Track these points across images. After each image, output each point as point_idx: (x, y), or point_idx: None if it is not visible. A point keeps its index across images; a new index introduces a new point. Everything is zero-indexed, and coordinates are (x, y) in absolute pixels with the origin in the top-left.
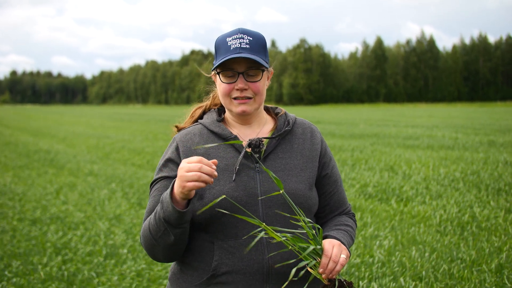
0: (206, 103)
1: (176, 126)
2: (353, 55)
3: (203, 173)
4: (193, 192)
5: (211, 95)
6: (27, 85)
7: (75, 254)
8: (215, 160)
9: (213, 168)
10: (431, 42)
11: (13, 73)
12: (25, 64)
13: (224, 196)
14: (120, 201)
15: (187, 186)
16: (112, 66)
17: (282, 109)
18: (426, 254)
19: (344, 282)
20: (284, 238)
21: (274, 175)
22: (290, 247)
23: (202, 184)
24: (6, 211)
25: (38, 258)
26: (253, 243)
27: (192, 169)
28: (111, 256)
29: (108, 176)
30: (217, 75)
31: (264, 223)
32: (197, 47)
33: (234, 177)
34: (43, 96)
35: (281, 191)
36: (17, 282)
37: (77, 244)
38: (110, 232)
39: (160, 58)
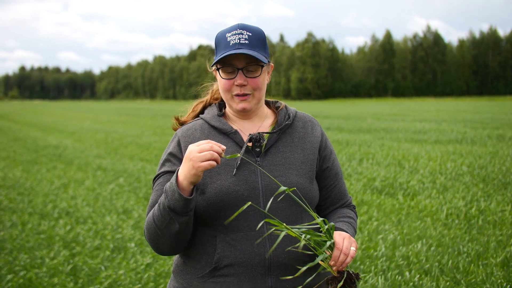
0: (206, 98)
1: (177, 119)
2: (361, 50)
3: (214, 151)
4: (201, 176)
5: (210, 90)
6: (35, 80)
7: (83, 248)
8: (223, 146)
9: (222, 148)
10: (437, 36)
11: (22, 68)
12: (32, 59)
13: (250, 203)
14: (128, 196)
15: (201, 166)
16: (118, 61)
17: (282, 102)
18: (432, 248)
19: (352, 274)
20: (303, 236)
21: (276, 180)
22: (304, 241)
23: (214, 163)
24: (16, 205)
25: (47, 251)
26: (265, 234)
27: (204, 149)
28: (118, 250)
29: (116, 171)
30: (217, 71)
31: (284, 224)
32: (203, 41)
33: (234, 172)
34: (51, 92)
35: (289, 189)
36: (24, 275)
37: (85, 238)
38: (118, 226)
39: (166, 53)
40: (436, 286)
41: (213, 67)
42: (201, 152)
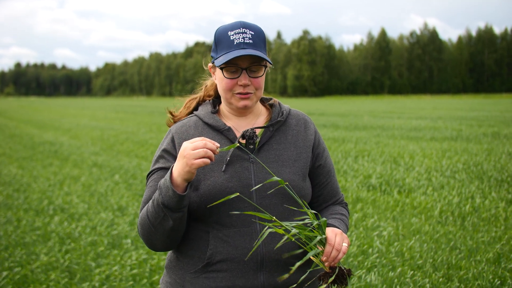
0: (200, 94)
1: (172, 114)
2: (357, 47)
3: (208, 149)
4: (195, 173)
5: (203, 86)
6: (31, 77)
7: (78, 244)
8: (217, 143)
9: (216, 146)
10: (434, 34)
11: (18, 65)
12: (28, 56)
13: (238, 194)
14: (124, 192)
15: (195, 163)
16: (115, 58)
17: (276, 99)
18: (425, 244)
19: (344, 270)
20: (294, 230)
21: (276, 177)
22: (291, 236)
23: (208, 161)
24: (11, 201)
25: (42, 247)
26: (264, 236)
27: (198, 146)
28: (114, 246)
29: (112, 167)
30: (220, 70)
31: (274, 217)
32: (199, 39)
33: (224, 167)
34: (47, 88)
35: (284, 183)
36: (20, 271)
37: (80, 234)
38: (113, 223)
39: (162, 50)
40: (428, 282)
41: (211, 64)
42: (195, 150)
